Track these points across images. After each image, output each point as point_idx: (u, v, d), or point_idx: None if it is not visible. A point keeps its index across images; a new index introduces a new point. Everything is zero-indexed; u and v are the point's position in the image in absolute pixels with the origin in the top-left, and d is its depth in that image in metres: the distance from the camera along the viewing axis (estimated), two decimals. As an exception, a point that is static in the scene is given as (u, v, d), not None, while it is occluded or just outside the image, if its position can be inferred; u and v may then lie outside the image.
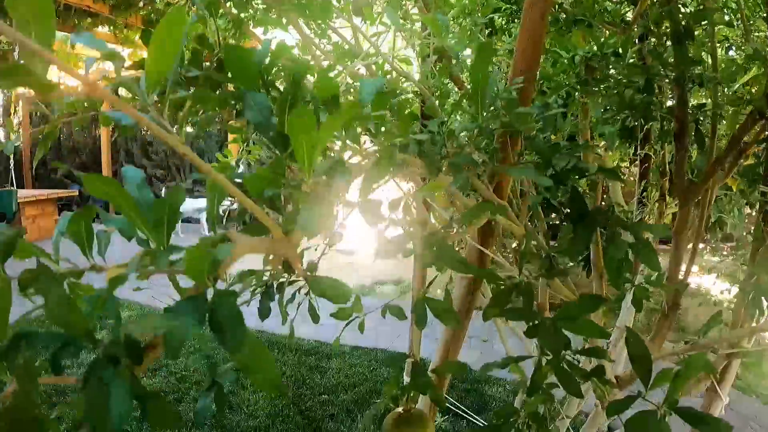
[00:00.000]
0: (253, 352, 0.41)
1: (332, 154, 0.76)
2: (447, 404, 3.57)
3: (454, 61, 1.70)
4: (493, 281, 0.93)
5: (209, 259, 0.40)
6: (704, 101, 1.67)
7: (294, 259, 0.49)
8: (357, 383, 3.95)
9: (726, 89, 1.70)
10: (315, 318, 1.08)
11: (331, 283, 0.55)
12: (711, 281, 5.13)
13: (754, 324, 1.61)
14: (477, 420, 3.30)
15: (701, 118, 1.67)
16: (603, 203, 2.47)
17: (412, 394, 0.97)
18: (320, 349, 4.59)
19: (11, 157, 11.15)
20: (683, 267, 1.66)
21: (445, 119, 0.90)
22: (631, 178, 3.33)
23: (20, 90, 12.75)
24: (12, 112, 13.51)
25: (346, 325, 1.11)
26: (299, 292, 0.98)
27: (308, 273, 0.53)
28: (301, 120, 0.46)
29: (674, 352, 1.56)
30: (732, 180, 2.47)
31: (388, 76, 1.68)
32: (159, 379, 4.04)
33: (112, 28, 9.66)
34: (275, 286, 0.84)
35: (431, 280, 1.39)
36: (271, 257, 0.52)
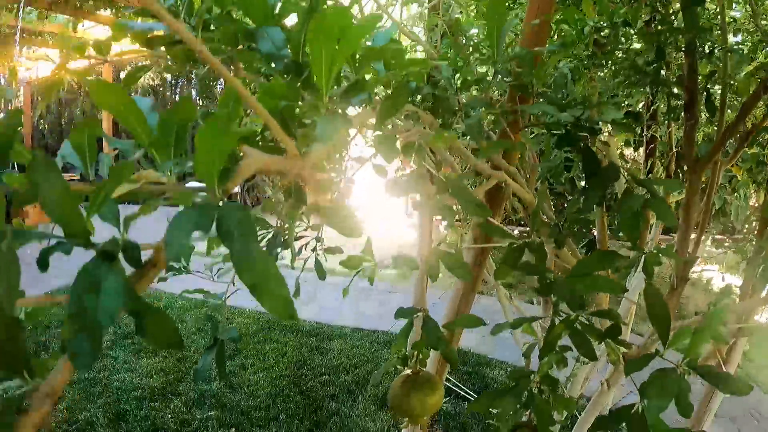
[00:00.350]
0: (263, 269, 0.38)
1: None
2: (448, 385, 3.57)
3: (461, 37, 1.67)
4: (505, 237, 0.90)
5: (222, 157, 0.37)
6: (714, 69, 1.63)
7: (308, 178, 0.46)
8: (358, 364, 3.95)
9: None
10: (321, 273, 1.05)
11: (345, 213, 0.52)
12: (712, 273, 5.12)
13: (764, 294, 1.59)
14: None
15: (711, 88, 1.64)
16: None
17: (420, 357, 0.94)
18: (321, 330, 4.58)
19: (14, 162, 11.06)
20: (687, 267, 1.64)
21: (457, 69, 0.87)
22: (637, 164, 3.30)
23: (21, 75, 12.69)
24: (12, 98, 13.44)
25: (356, 274, 1.07)
26: (306, 248, 0.95)
27: (321, 202, 0.50)
28: (323, 25, 0.43)
29: (684, 323, 1.53)
30: (737, 168, 2.45)
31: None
32: (159, 359, 4.03)
33: (113, 11, 9.57)
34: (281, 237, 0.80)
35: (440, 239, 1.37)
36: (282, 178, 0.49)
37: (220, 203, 0.39)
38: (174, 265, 0.98)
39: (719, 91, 1.62)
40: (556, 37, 1.79)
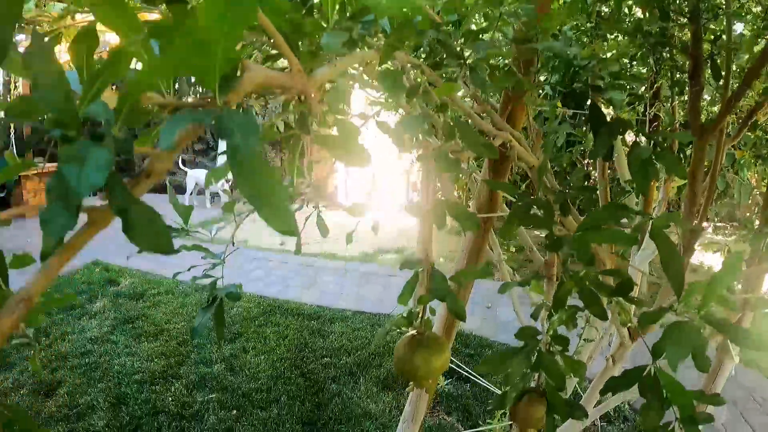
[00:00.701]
0: (264, 177, 0.35)
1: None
2: (451, 366, 3.56)
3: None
4: (511, 193, 0.88)
5: (230, 43, 0.33)
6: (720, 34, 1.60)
7: (310, 95, 0.43)
8: (359, 347, 3.94)
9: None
10: (323, 231, 1.02)
11: (351, 141, 0.49)
12: (714, 260, 5.11)
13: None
14: (482, 382, 3.29)
15: (716, 53, 1.61)
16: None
17: (426, 315, 0.92)
18: (323, 313, 4.57)
19: (11, 129, 11.01)
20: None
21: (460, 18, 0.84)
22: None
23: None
24: (12, 87, 13.37)
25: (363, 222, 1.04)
26: (306, 205, 0.93)
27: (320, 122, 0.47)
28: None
29: (695, 281, 1.52)
30: (740, 152, 2.42)
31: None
32: (160, 343, 4.02)
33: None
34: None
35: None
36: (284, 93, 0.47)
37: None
38: (173, 225, 0.96)
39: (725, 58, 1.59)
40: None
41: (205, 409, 3.15)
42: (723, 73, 1.54)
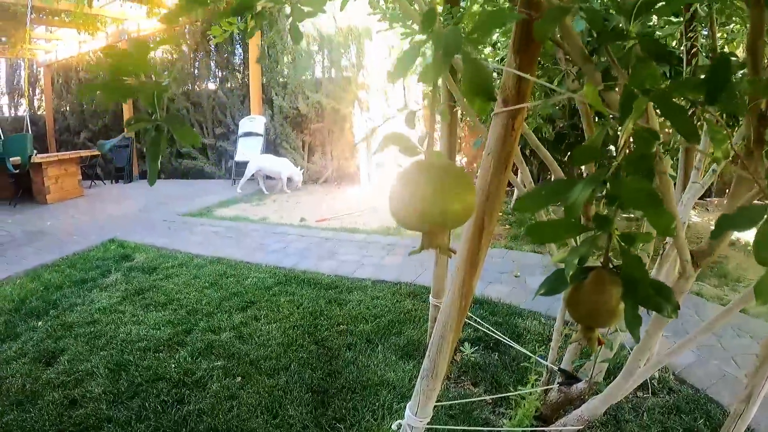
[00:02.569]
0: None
1: None
2: (478, 333, 3.24)
3: None
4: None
5: None
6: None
7: None
8: (378, 315, 3.64)
9: None
10: (297, 37, 0.72)
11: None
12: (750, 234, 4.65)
13: None
14: (514, 345, 2.96)
15: None
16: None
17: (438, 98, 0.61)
18: (340, 283, 4.29)
19: (27, 123, 11.05)
20: None
21: None
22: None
23: (41, 58, 12.62)
24: (32, 80, 13.39)
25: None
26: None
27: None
28: None
29: None
30: None
31: None
32: (168, 312, 3.80)
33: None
34: None
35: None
36: None
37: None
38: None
39: None
40: None
41: (209, 376, 2.90)
42: None
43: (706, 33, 1.83)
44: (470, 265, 1.38)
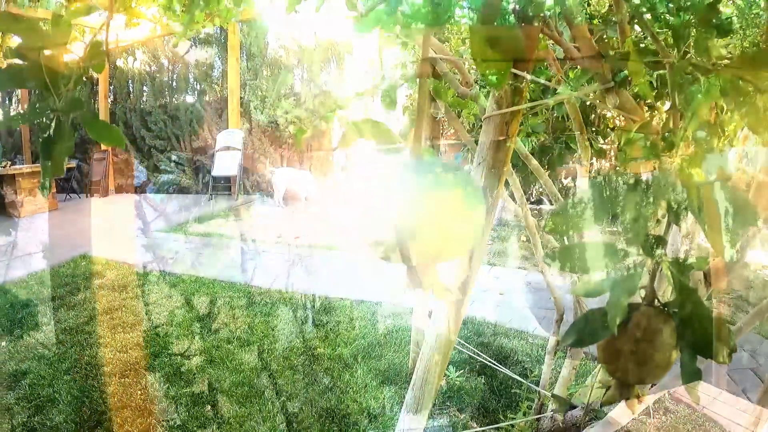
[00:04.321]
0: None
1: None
2: (463, 356, 3.09)
3: None
4: None
5: None
6: None
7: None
8: (357, 336, 3.48)
9: None
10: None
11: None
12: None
13: None
14: (500, 372, 2.82)
15: None
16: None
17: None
18: (319, 303, 4.12)
19: None
20: None
21: None
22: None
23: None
24: (8, 90, 13.05)
25: None
26: None
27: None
28: None
29: None
30: None
31: None
32: (136, 334, 3.59)
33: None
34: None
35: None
36: None
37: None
38: None
39: None
40: None
41: (178, 404, 2.70)
42: None
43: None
44: (460, 291, 1.24)
